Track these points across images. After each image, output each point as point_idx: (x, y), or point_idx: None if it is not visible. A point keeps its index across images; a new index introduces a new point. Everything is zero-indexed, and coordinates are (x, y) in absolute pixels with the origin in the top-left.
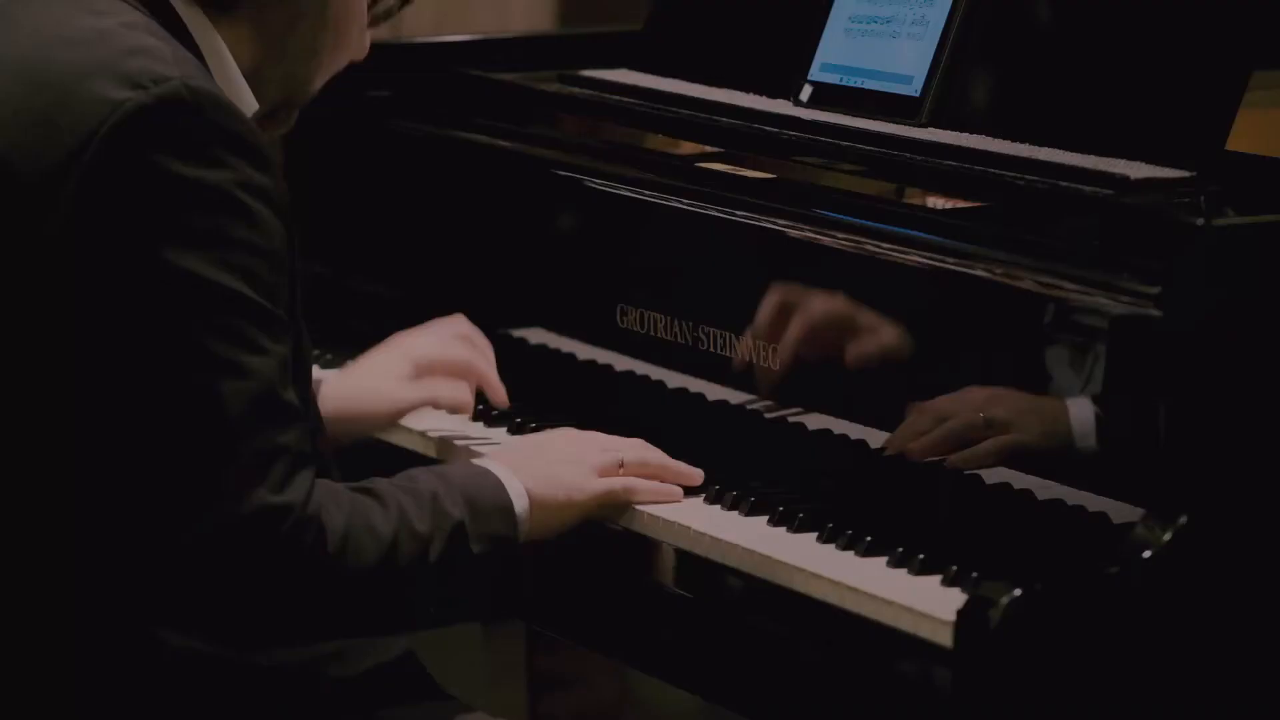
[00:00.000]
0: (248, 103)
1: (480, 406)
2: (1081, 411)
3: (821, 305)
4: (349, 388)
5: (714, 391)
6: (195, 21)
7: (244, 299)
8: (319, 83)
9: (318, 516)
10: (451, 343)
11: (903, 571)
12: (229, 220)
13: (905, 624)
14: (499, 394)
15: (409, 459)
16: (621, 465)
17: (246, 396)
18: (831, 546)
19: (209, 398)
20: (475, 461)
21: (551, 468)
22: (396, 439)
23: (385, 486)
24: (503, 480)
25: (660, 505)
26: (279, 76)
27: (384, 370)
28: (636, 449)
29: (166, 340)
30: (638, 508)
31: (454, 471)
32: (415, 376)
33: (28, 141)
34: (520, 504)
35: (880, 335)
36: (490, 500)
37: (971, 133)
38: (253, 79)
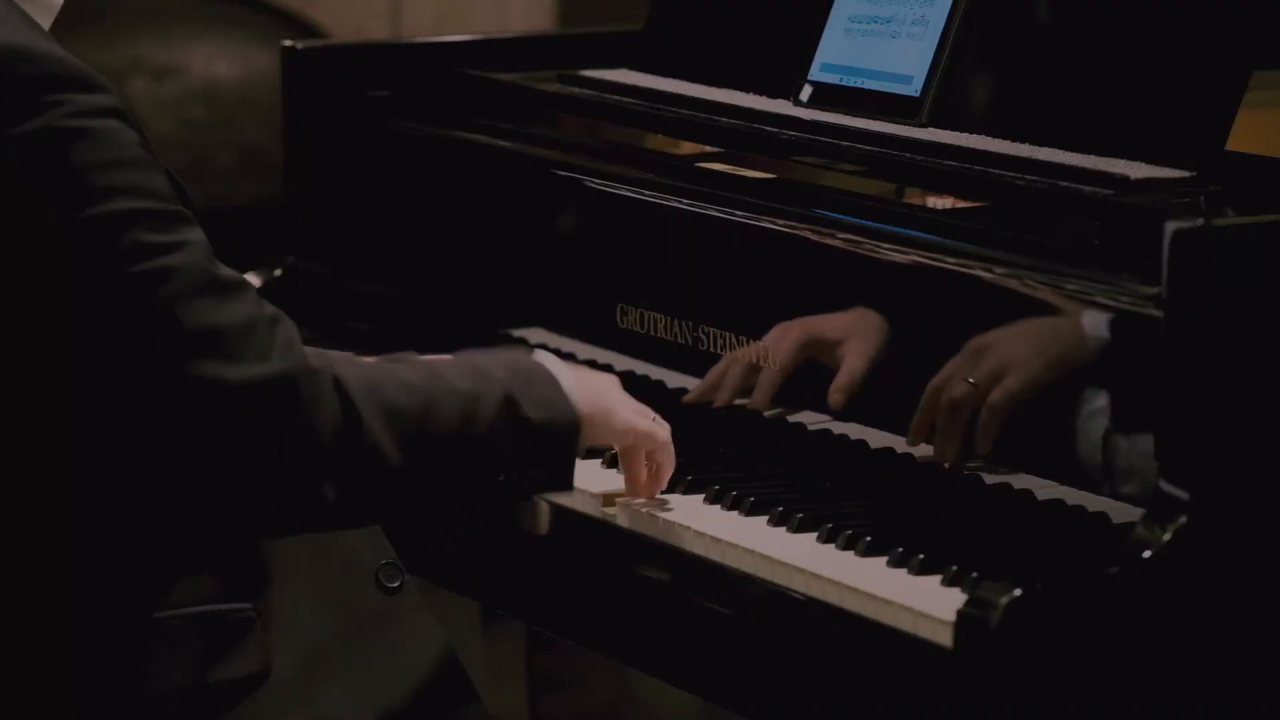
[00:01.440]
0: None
1: None
2: (1094, 323)
3: (821, 306)
4: None
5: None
6: None
7: (133, 213)
8: None
9: (330, 374)
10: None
11: (903, 571)
12: (79, 152)
13: (905, 624)
14: None
15: None
16: (653, 420)
17: (182, 292)
18: (831, 546)
19: (148, 313)
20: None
21: (592, 379)
22: None
23: (411, 356)
24: (545, 363)
25: (660, 505)
26: None
27: None
28: (665, 425)
29: (87, 282)
30: (636, 507)
31: (491, 351)
32: None
33: None
34: (567, 383)
35: (880, 335)
36: (536, 371)
37: (971, 133)
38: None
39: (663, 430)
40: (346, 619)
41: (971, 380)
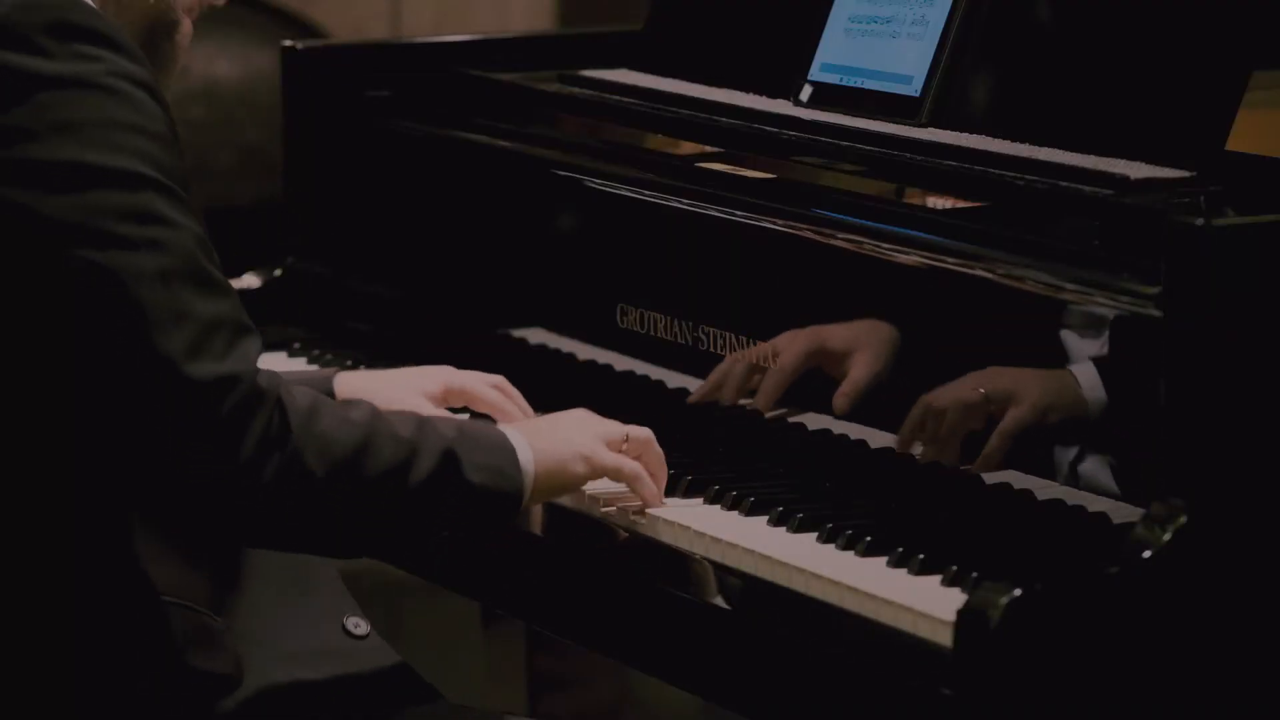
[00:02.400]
0: None
1: None
2: (1087, 374)
3: (821, 305)
4: (366, 386)
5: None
6: None
7: (142, 176)
8: (182, 3)
9: (275, 393)
10: (487, 387)
11: (903, 571)
12: (109, 107)
13: (905, 624)
14: None
15: None
16: (626, 440)
17: (167, 269)
18: (831, 546)
19: (129, 276)
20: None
21: (554, 431)
22: None
23: (360, 401)
24: (503, 430)
25: (660, 506)
26: (133, 3)
27: (411, 383)
28: (644, 431)
29: (74, 230)
30: (637, 509)
31: (449, 415)
32: (441, 400)
33: None
34: (524, 454)
35: (880, 335)
36: (489, 436)
37: (971, 133)
38: (108, 8)
39: (629, 464)
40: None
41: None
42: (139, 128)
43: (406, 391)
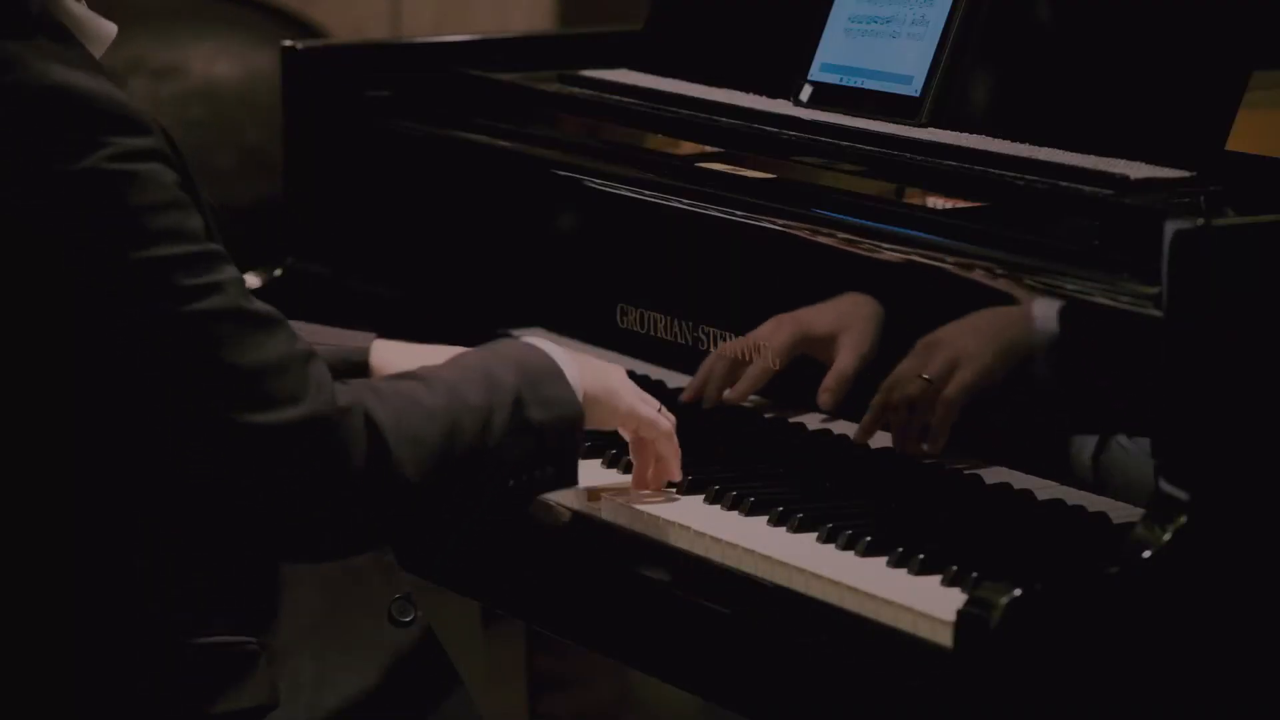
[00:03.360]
0: (91, 24)
1: None
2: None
3: (821, 305)
4: (404, 362)
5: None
6: None
7: (174, 258)
8: None
9: (362, 410)
10: None
11: (903, 571)
12: (123, 196)
13: (905, 624)
14: None
15: None
16: (659, 411)
17: (218, 337)
18: (831, 546)
19: (185, 358)
20: (522, 341)
21: (596, 364)
22: None
23: (429, 369)
24: (551, 354)
25: (661, 505)
26: None
27: (443, 356)
28: (670, 417)
29: (123, 330)
30: (637, 508)
31: (501, 345)
32: None
33: None
34: (571, 371)
35: (880, 335)
36: (543, 365)
37: (971, 133)
38: None
39: (665, 421)
40: (356, 653)
41: (927, 377)
42: (155, 205)
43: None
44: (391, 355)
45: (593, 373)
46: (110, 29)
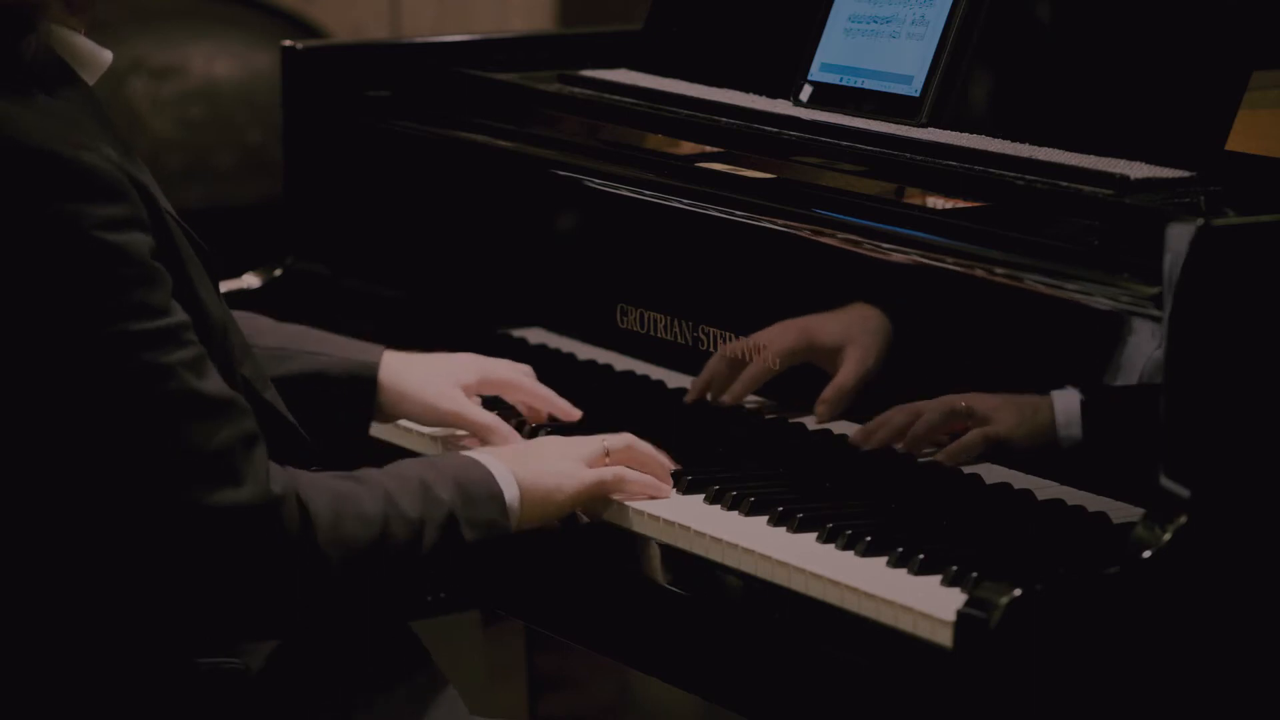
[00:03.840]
0: (85, 51)
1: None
2: (1068, 405)
3: (821, 305)
4: (408, 373)
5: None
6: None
7: (133, 335)
8: None
9: (295, 501)
10: (520, 378)
11: (903, 571)
12: (92, 268)
13: (905, 624)
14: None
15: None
16: (607, 454)
17: (170, 417)
18: (831, 546)
19: (137, 435)
20: (463, 454)
21: (539, 459)
22: (399, 440)
23: (369, 473)
24: (490, 469)
25: (660, 505)
26: None
27: (450, 374)
28: (621, 438)
29: (75, 405)
30: (637, 507)
31: (442, 460)
32: (476, 389)
33: None
34: (510, 491)
35: (880, 335)
36: (480, 487)
37: (971, 133)
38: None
39: (607, 473)
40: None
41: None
42: (126, 280)
43: (446, 383)
44: (399, 366)
45: (533, 478)
46: (106, 57)
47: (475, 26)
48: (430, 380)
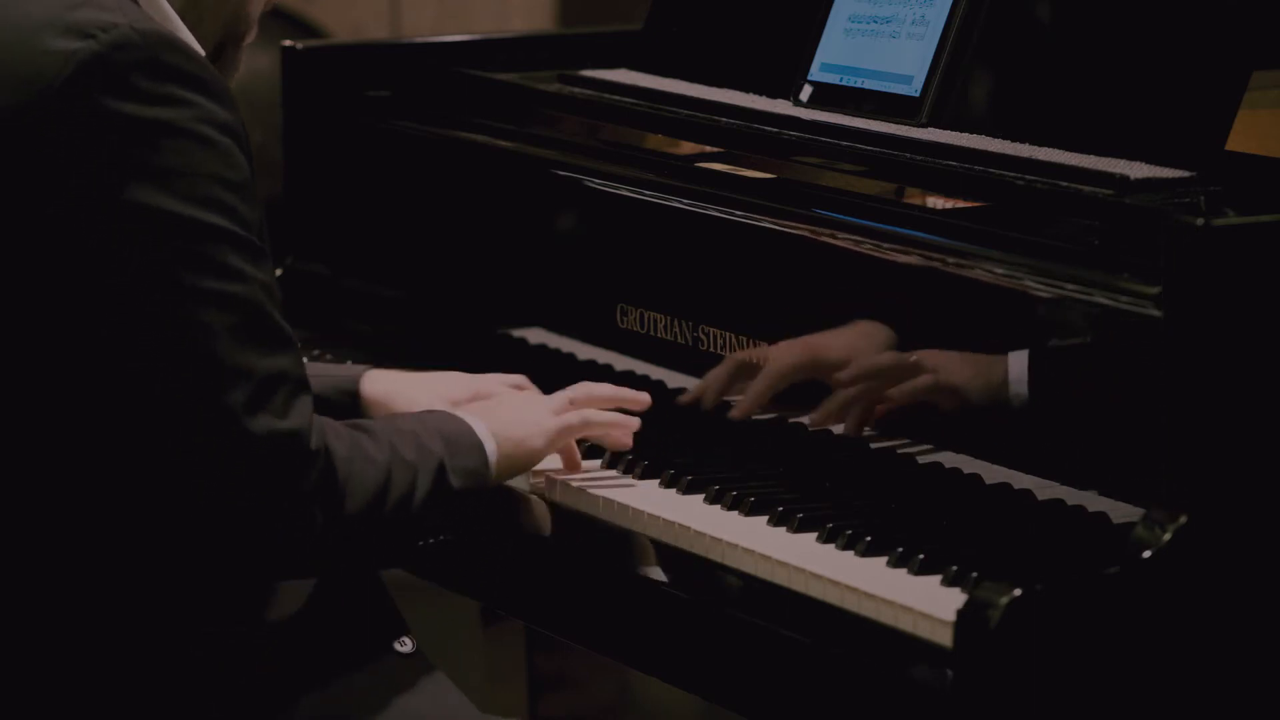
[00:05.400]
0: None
1: None
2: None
3: (821, 305)
4: (395, 389)
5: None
6: None
7: (220, 229)
8: (255, 12)
9: (325, 442)
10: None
11: (903, 571)
12: (195, 155)
13: (905, 624)
14: None
15: None
16: (571, 401)
17: (235, 325)
18: (831, 546)
19: (198, 330)
20: (438, 410)
21: (508, 411)
22: None
23: (370, 422)
24: (468, 422)
25: (660, 505)
26: (214, 10)
27: (439, 390)
28: (581, 387)
29: (149, 279)
30: (636, 507)
31: (425, 415)
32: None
33: None
34: (489, 443)
35: (880, 335)
36: (463, 438)
37: (971, 133)
38: (189, 17)
39: (572, 417)
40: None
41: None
42: (222, 178)
43: (435, 399)
44: (387, 384)
45: (504, 429)
46: (195, 47)
47: (475, 26)
48: (419, 393)
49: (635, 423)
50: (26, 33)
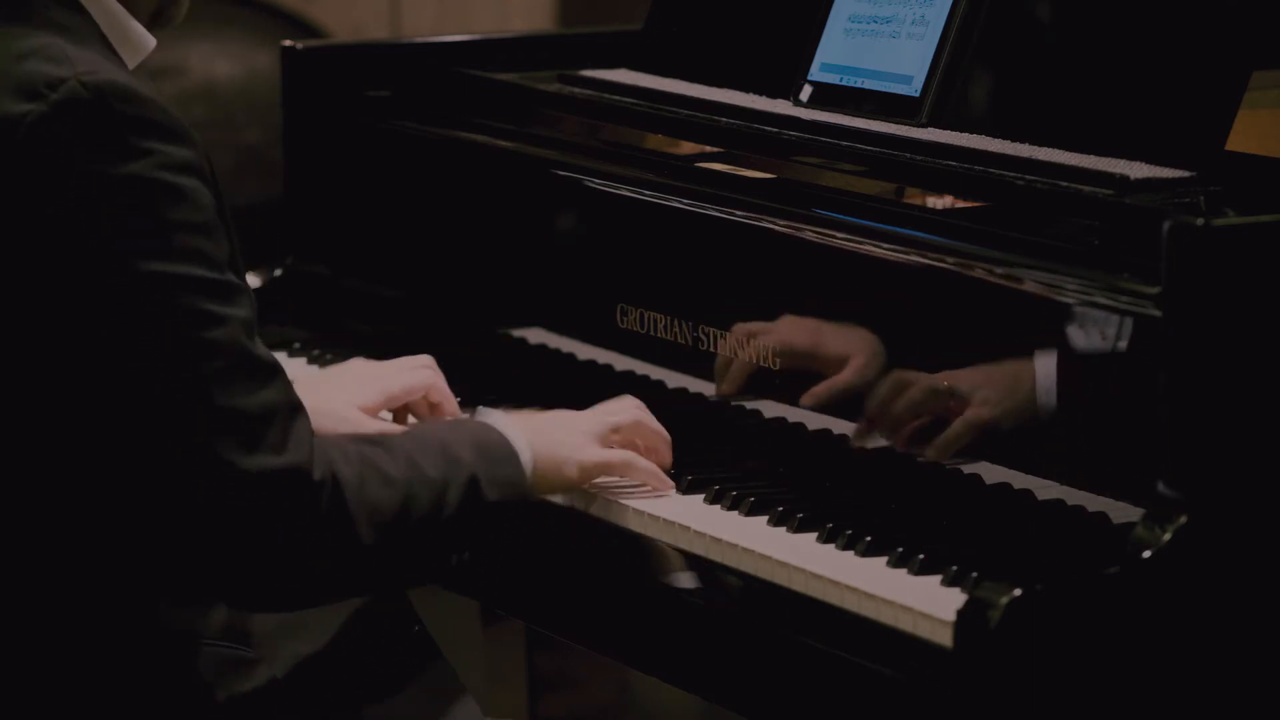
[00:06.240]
0: (133, 34)
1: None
2: (1047, 388)
3: (821, 305)
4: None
5: (714, 391)
6: None
7: (194, 279)
8: None
9: (330, 470)
10: (424, 399)
11: (903, 571)
12: (159, 206)
13: (905, 624)
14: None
15: None
16: (616, 430)
17: (218, 371)
18: (831, 546)
19: (181, 383)
20: (477, 419)
21: (551, 430)
22: None
23: (389, 437)
24: (506, 433)
25: (660, 505)
26: None
27: (348, 396)
28: (630, 411)
29: (123, 339)
30: (636, 507)
31: (458, 423)
32: (381, 408)
33: None
34: (525, 455)
35: (880, 335)
36: (499, 449)
37: (971, 133)
38: None
39: (615, 455)
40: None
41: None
42: (187, 224)
43: (344, 407)
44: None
45: (544, 446)
46: (150, 41)
47: (475, 26)
48: (328, 399)
49: (669, 485)
50: None
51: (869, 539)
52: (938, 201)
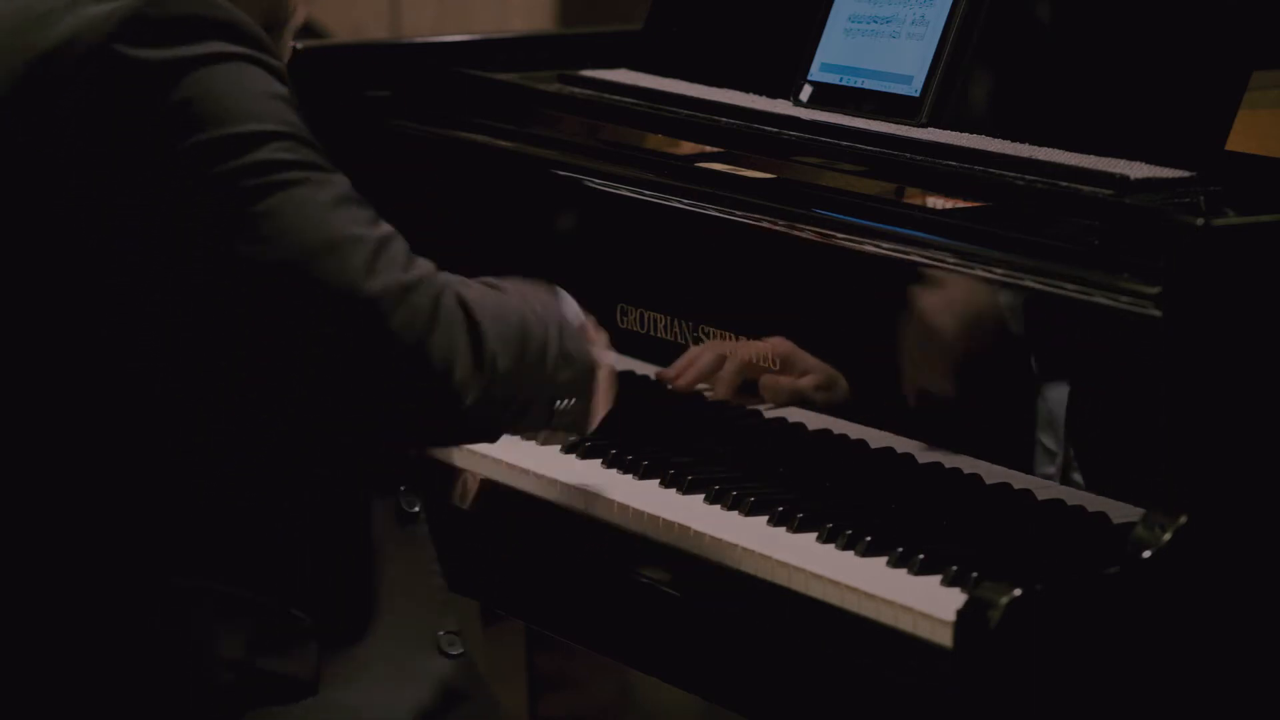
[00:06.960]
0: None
1: None
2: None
3: (821, 305)
4: None
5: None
6: None
7: (294, 135)
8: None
9: (455, 287)
10: None
11: (903, 571)
12: (245, 80)
13: (905, 624)
14: None
15: None
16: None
17: (335, 199)
18: (831, 546)
19: (298, 211)
20: None
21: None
22: None
23: (492, 279)
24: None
25: (660, 505)
26: None
27: None
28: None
29: (235, 195)
30: (637, 507)
31: (525, 285)
32: None
33: (15, 71)
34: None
35: (880, 335)
36: (563, 311)
37: (971, 133)
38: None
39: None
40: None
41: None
42: (274, 94)
43: None
44: None
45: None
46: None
47: (475, 26)
48: None
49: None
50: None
51: (869, 539)
52: (938, 201)
